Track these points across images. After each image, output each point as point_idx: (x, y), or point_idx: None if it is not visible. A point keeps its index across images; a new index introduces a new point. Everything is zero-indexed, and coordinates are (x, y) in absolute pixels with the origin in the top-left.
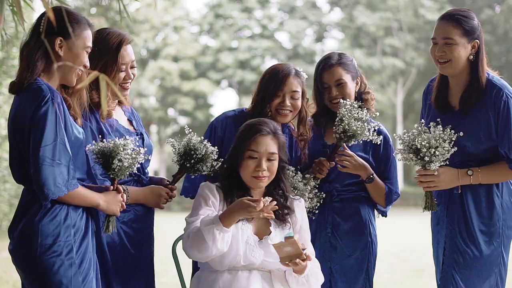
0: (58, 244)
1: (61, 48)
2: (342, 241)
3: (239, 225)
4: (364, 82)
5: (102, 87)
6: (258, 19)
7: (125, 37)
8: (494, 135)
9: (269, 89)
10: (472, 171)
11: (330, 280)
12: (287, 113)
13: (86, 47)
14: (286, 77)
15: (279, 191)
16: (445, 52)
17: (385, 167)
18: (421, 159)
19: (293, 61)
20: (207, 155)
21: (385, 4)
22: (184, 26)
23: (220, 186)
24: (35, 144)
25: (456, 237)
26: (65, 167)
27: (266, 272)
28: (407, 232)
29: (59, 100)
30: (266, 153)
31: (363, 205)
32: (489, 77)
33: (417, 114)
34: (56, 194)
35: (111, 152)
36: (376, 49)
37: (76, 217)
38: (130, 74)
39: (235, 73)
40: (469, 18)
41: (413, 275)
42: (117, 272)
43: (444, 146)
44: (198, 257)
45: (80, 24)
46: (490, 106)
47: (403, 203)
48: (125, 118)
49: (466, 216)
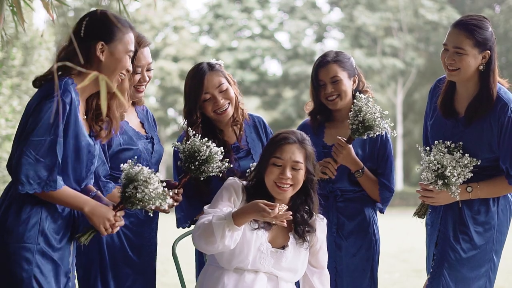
0: (22, 246)
1: (102, 52)
2: (347, 241)
3: (256, 230)
4: (362, 81)
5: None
6: (258, 19)
7: (143, 40)
8: (495, 147)
9: (192, 98)
10: (472, 188)
11: (335, 280)
12: (226, 109)
13: (129, 51)
14: (203, 76)
15: (305, 206)
16: (454, 60)
17: (382, 163)
18: (445, 185)
19: (292, 61)
20: (211, 156)
21: (385, 4)
22: (184, 26)
23: (246, 188)
24: (26, 133)
25: (449, 238)
26: (47, 166)
27: (273, 276)
28: (406, 232)
29: (69, 100)
30: (291, 161)
31: (366, 205)
32: (497, 88)
33: (416, 114)
34: (25, 189)
35: (133, 177)
36: (376, 49)
37: (50, 223)
38: (146, 77)
39: (234, 73)
40: (483, 28)
41: (413, 275)
42: (114, 274)
43: (465, 172)
44: (204, 248)
45: (122, 27)
46: (494, 119)
47: (403, 203)
48: (138, 120)
49: (462, 218)
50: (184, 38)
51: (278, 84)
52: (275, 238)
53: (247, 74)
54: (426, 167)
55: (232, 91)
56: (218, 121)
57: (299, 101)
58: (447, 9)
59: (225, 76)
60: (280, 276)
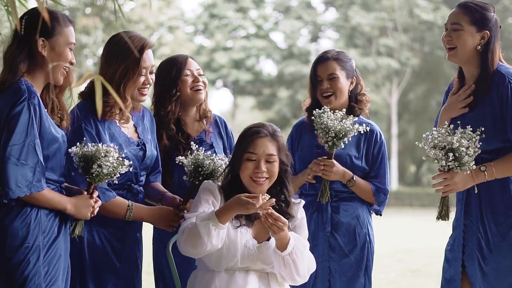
0: (26, 246)
1: (44, 48)
2: (341, 241)
3: (239, 228)
4: (361, 84)
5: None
6: (253, 19)
7: (147, 42)
8: (501, 123)
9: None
10: (485, 167)
11: (329, 280)
12: (202, 90)
13: (70, 44)
14: (186, 58)
15: (281, 196)
16: (451, 37)
17: (377, 165)
18: (457, 159)
19: (287, 61)
20: (216, 169)
21: (380, 4)
22: (179, 26)
23: (222, 188)
24: (4, 142)
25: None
26: (31, 168)
27: (264, 274)
28: (402, 232)
29: (36, 101)
30: (264, 155)
31: (360, 204)
32: (498, 66)
33: (411, 114)
34: (16, 193)
35: (92, 156)
36: (371, 49)
37: (47, 219)
38: (149, 79)
39: (229, 73)
40: (483, 8)
41: (409, 275)
42: (94, 276)
43: (475, 146)
44: (192, 253)
45: (60, 21)
46: (494, 92)
47: (398, 203)
48: (131, 123)
49: (481, 211)
50: (179, 38)
51: (273, 84)
52: (259, 232)
53: (242, 74)
54: (433, 148)
55: (206, 79)
56: (190, 101)
57: (294, 101)
58: (442, 9)
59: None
60: (271, 271)
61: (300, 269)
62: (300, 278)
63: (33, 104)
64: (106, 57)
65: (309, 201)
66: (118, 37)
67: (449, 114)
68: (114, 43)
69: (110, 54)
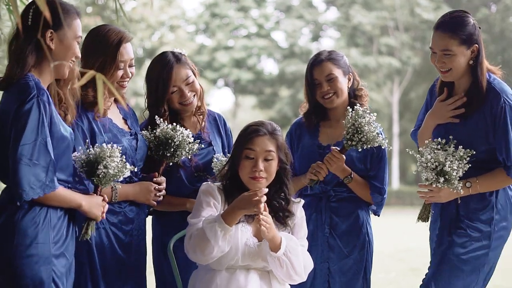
0: (35, 246)
1: (52, 40)
2: (340, 241)
3: (239, 226)
4: (356, 79)
5: (99, 86)
6: (254, 18)
7: (125, 35)
8: (491, 139)
9: (160, 90)
10: (471, 183)
11: (328, 281)
12: (192, 101)
13: (77, 37)
14: (170, 70)
15: (281, 194)
16: (445, 62)
17: (376, 166)
18: (447, 181)
19: (289, 60)
20: (184, 140)
21: (381, 3)
22: (180, 25)
23: (221, 188)
24: (15, 141)
25: (446, 235)
26: (44, 168)
27: (265, 272)
28: (402, 232)
29: (46, 98)
30: (263, 153)
31: (360, 205)
32: (490, 79)
33: (413, 113)
34: (29, 195)
35: (97, 157)
36: (372, 48)
37: (57, 218)
38: (128, 73)
39: (231, 72)
40: (464, 24)
41: (409, 275)
42: (104, 274)
43: (462, 165)
44: (200, 259)
45: (69, 13)
46: (487, 110)
47: (399, 202)
48: (120, 116)
49: (458, 214)
50: (180, 37)
51: (274, 83)
52: (259, 230)
53: (243, 73)
54: (425, 168)
55: (197, 83)
56: (182, 111)
57: (295, 100)
58: (443, 8)
59: (191, 67)
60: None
61: (297, 267)
62: (297, 276)
63: (42, 101)
64: (86, 50)
65: (308, 201)
66: (97, 30)
67: (435, 120)
68: (93, 36)
69: (89, 47)
